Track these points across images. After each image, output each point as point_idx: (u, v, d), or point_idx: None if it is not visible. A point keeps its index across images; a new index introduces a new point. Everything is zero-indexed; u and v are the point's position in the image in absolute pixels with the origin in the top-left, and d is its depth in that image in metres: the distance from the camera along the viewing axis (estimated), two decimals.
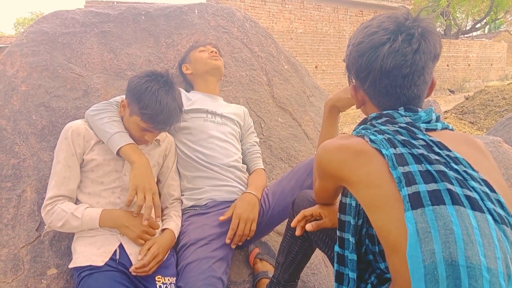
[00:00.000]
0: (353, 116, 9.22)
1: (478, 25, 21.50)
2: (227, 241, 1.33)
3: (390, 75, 0.79)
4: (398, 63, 0.78)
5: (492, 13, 18.49)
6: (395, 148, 0.74)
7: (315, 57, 11.88)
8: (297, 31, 11.33)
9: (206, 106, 1.58)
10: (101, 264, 1.18)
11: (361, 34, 0.83)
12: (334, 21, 12.12)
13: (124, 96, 1.35)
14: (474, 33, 23.22)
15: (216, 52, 1.64)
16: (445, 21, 17.79)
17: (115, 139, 1.25)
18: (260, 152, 1.71)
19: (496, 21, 24.05)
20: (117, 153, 1.25)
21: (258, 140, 1.75)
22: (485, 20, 20.16)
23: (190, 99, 1.58)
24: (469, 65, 16.72)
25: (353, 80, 0.90)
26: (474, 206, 0.65)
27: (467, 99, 8.18)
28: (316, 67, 11.89)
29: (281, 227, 1.64)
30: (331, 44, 12.13)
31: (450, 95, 13.31)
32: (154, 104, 1.23)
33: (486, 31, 26.99)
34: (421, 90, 0.83)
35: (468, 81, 16.20)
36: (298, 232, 1.16)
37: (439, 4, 15.48)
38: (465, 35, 21.31)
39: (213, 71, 1.63)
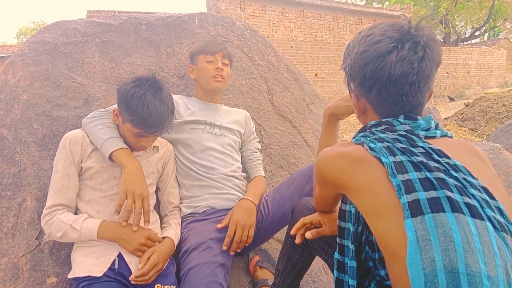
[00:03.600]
0: (353, 123, 9.23)
1: (477, 33, 21.66)
2: (224, 248, 1.33)
3: (397, 83, 0.79)
4: (405, 71, 0.78)
5: (491, 20, 18.64)
6: (394, 156, 0.74)
7: (315, 65, 11.94)
8: (297, 40, 11.40)
9: (205, 117, 1.58)
10: (99, 274, 1.18)
11: (364, 43, 0.83)
12: (334, 30, 12.20)
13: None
14: (474, 41, 23.37)
15: (221, 69, 1.58)
16: (445, 28, 17.92)
17: (107, 144, 1.25)
18: (261, 158, 1.70)
19: (495, 29, 24.22)
20: (110, 158, 1.25)
21: (259, 146, 1.74)
22: (484, 28, 20.31)
23: (190, 109, 1.58)
24: (468, 72, 16.77)
25: (354, 89, 0.89)
26: (474, 213, 0.65)
27: (467, 106, 8.20)
28: (316, 75, 11.94)
29: (281, 234, 1.64)
30: (331, 52, 12.20)
31: (450, 102, 13.33)
32: (142, 109, 1.22)
33: (485, 39, 27.15)
34: (425, 98, 0.84)
35: (468, 88, 16.24)
36: (297, 240, 1.15)
37: (438, 12, 15.60)
38: (465, 43, 21.44)
39: (214, 91, 1.62)
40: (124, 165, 1.24)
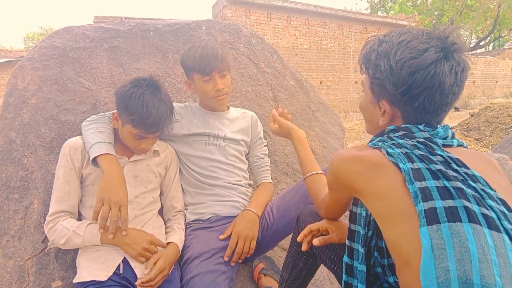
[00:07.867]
0: (357, 131, 9.22)
1: (482, 43, 21.66)
2: (226, 258, 1.32)
3: (444, 93, 0.79)
4: (452, 81, 0.78)
5: (496, 31, 18.64)
6: (412, 163, 0.73)
7: (320, 73, 11.95)
8: (302, 47, 11.44)
9: (209, 129, 1.54)
10: (104, 279, 1.17)
11: (407, 49, 0.79)
12: (338, 38, 12.24)
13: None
14: (479, 51, 23.36)
15: (222, 89, 1.47)
16: None
17: (93, 149, 1.24)
18: (269, 164, 1.68)
19: (500, 39, 24.23)
20: (95, 163, 1.24)
21: (267, 150, 1.70)
22: (489, 38, 20.31)
23: (193, 121, 1.55)
24: (473, 82, 16.75)
25: (388, 96, 0.85)
26: (491, 225, 0.64)
27: (472, 115, 8.17)
28: (320, 82, 11.95)
29: (286, 242, 1.63)
30: (335, 60, 12.22)
31: (455, 111, 13.29)
32: (141, 109, 1.22)
33: (490, 49, 27.13)
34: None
35: (473, 98, 16.20)
36: (304, 247, 1.14)
37: (441, 21, 15.63)
38: (469, 53, 21.43)
39: (217, 107, 1.57)
40: (103, 171, 1.22)
